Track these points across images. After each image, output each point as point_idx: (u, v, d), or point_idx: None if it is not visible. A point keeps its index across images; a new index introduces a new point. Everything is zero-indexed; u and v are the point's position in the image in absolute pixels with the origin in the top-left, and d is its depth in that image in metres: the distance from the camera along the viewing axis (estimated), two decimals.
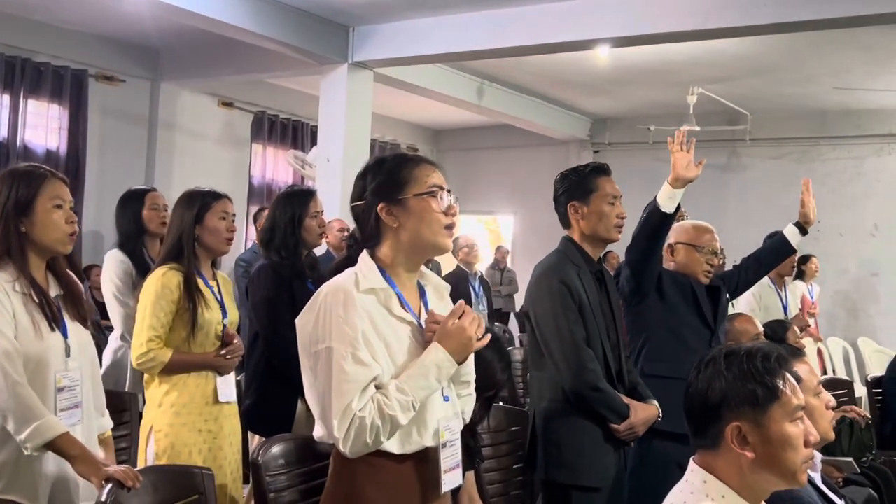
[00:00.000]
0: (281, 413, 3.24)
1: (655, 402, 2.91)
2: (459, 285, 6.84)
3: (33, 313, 2.24)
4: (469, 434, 2.55)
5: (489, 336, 1.95)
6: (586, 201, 2.85)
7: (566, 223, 2.92)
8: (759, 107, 8.59)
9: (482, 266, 8.59)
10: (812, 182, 9.19)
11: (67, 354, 2.31)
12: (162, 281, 2.90)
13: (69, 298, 2.38)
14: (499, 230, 11.26)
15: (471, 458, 2.57)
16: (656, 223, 2.97)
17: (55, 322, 2.28)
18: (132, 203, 3.90)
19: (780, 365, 1.60)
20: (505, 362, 2.64)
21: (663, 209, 2.92)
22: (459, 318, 1.88)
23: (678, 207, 2.99)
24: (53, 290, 2.34)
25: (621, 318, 3.03)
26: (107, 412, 2.55)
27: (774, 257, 3.85)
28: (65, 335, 2.31)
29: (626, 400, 2.82)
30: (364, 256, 1.93)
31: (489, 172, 10.56)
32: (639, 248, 3.08)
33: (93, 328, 2.47)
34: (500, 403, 3.50)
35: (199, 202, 3.00)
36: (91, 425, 2.41)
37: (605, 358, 2.82)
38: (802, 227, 3.77)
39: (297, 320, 1.89)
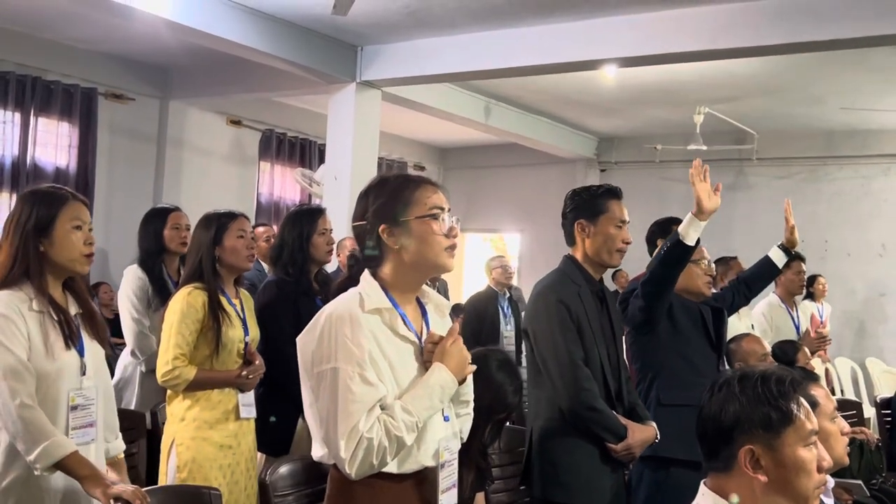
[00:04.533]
0: (282, 430, 3.26)
1: (653, 424, 2.91)
2: (488, 305, 6.82)
3: (49, 332, 2.27)
4: (480, 455, 2.55)
5: (473, 367, 1.96)
6: (594, 221, 2.86)
7: (571, 241, 2.93)
8: (766, 126, 8.59)
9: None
10: (819, 202, 9.24)
11: (83, 373, 2.33)
12: (187, 300, 2.98)
13: (88, 317, 2.41)
14: (505, 248, 11.26)
15: (481, 479, 2.57)
16: (678, 255, 2.96)
17: (72, 340, 2.31)
18: (155, 221, 3.98)
19: (794, 389, 1.60)
20: (517, 385, 2.65)
21: (686, 241, 2.92)
22: (455, 339, 1.89)
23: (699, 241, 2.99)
24: (73, 309, 2.38)
25: (622, 338, 3.02)
26: (120, 434, 2.57)
27: (761, 279, 3.88)
28: (81, 354, 2.34)
29: (623, 420, 2.82)
30: (367, 276, 1.93)
31: (496, 191, 10.57)
32: (657, 279, 3.07)
33: (108, 348, 2.50)
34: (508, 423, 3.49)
35: (216, 224, 3.09)
36: (101, 445, 2.42)
37: (603, 378, 2.82)
38: (787, 249, 3.80)
39: (299, 340, 1.89)
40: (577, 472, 2.76)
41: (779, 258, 3.79)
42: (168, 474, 2.93)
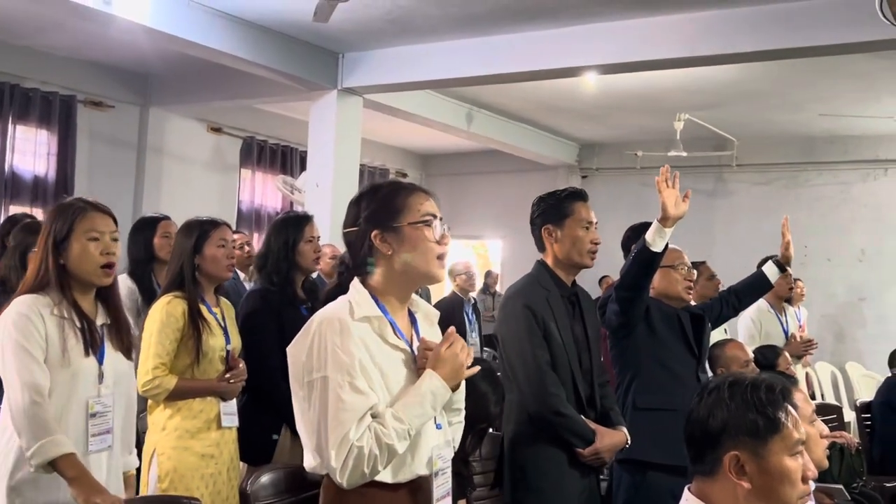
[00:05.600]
0: (264, 440, 3.24)
1: (624, 429, 2.91)
2: (455, 312, 6.82)
3: (69, 338, 2.32)
4: (462, 463, 2.54)
5: (478, 367, 1.95)
6: (561, 225, 2.87)
7: (541, 246, 2.94)
8: (746, 133, 8.66)
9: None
10: (799, 207, 9.33)
11: (101, 381, 2.37)
12: (167, 309, 2.96)
13: (115, 328, 2.46)
14: (487, 255, 11.27)
15: (462, 486, 2.56)
16: (645, 261, 2.97)
17: (93, 347, 2.35)
18: (144, 230, 3.96)
19: (783, 397, 1.60)
20: (499, 395, 2.65)
21: (652, 248, 2.92)
22: (450, 345, 1.87)
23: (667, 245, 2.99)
24: (101, 319, 2.43)
25: (597, 343, 3.03)
26: (135, 451, 2.59)
27: (752, 292, 3.89)
28: (101, 362, 2.38)
29: (592, 425, 2.82)
30: (356, 284, 1.92)
31: (478, 197, 10.59)
32: (628, 285, 3.09)
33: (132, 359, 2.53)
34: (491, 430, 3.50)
35: (197, 232, 3.07)
36: (119, 454, 2.46)
37: (573, 382, 2.82)
38: (781, 265, 3.81)
39: (289, 349, 1.87)
40: (546, 476, 2.77)
41: (773, 273, 3.81)
42: (149, 484, 2.90)
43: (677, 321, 3.34)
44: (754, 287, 3.86)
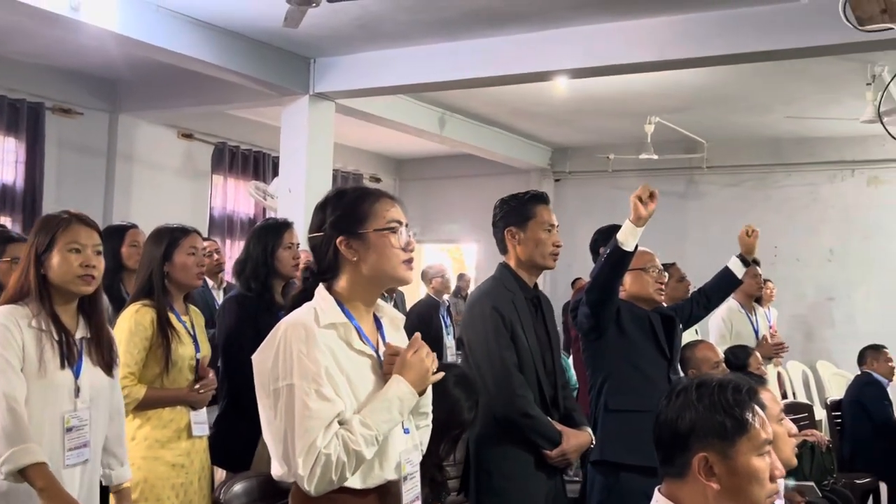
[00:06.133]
0: (243, 447, 3.22)
1: (589, 429, 2.95)
2: (431, 315, 6.82)
3: (45, 349, 2.31)
4: (436, 468, 2.55)
5: (442, 373, 1.95)
6: (523, 227, 2.91)
7: (503, 249, 2.97)
8: (716, 135, 8.75)
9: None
10: (768, 208, 9.43)
11: (77, 395, 2.35)
12: (135, 318, 2.93)
13: (95, 343, 2.44)
14: (462, 259, 11.29)
15: (437, 492, 2.56)
16: (616, 261, 3.01)
17: (69, 360, 2.34)
18: (112, 239, 3.92)
19: (750, 398, 1.62)
20: (473, 401, 2.65)
21: (624, 247, 2.96)
22: (416, 350, 1.88)
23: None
24: (80, 333, 2.42)
25: (558, 344, 3.06)
26: (127, 463, 2.56)
27: (720, 290, 3.93)
28: (76, 375, 2.36)
29: (558, 426, 2.84)
30: (321, 290, 1.91)
31: (452, 201, 10.60)
32: (598, 286, 3.12)
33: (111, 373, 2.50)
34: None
35: (167, 239, 3.05)
36: (95, 469, 2.44)
37: (538, 384, 2.84)
38: (745, 259, 3.85)
39: (255, 357, 1.87)
40: (512, 478, 2.79)
41: (738, 268, 3.85)
42: None
43: (648, 323, 3.37)
44: (721, 284, 3.90)
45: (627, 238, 2.95)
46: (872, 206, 8.39)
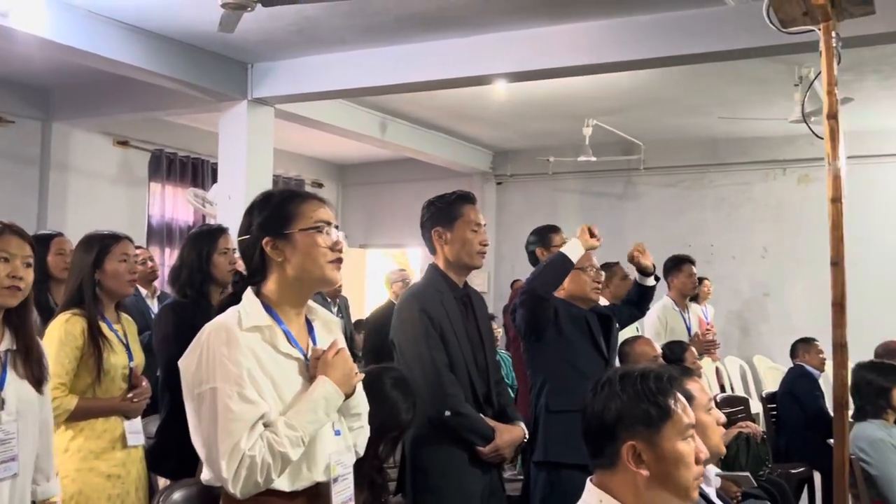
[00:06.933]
0: (185, 455, 3.18)
1: (522, 424, 3.00)
2: (389, 320, 6.78)
3: None
4: (375, 471, 2.55)
5: (362, 374, 1.97)
6: (451, 228, 2.95)
7: (432, 249, 3.01)
8: (652, 137, 8.92)
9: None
10: (704, 207, 9.61)
11: (1, 407, 2.28)
12: (65, 328, 2.87)
13: (23, 355, 2.36)
14: (408, 263, 11.29)
15: (377, 495, 2.57)
16: (559, 268, 3.09)
17: None
18: (37, 248, 3.79)
19: (671, 385, 1.67)
20: (410, 403, 2.67)
21: (570, 257, 3.11)
22: (337, 351, 1.90)
23: None
24: (5, 345, 2.33)
25: (491, 342, 3.10)
26: (55, 478, 2.49)
27: (640, 299, 3.96)
28: (0, 387, 2.28)
29: (491, 422, 2.88)
30: (248, 294, 1.92)
31: (396, 206, 10.60)
32: (534, 288, 3.17)
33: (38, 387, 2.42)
34: None
35: (98, 247, 2.99)
36: (26, 484, 2.36)
37: (470, 382, 2.88)
38: (645, 272, 3.87)
39: (181, 362, 1.87)
40: (448, 476, 2.82)
41: (643, 280, 3.86)
42: None
43: (585, 323, 3.44)
44: (638, 295, 3.90)
45: (573, 254, 3.08)
46: (803, 203, 8.64)
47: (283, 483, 1.80)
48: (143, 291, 5.07)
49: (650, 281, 3.88)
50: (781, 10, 2.56)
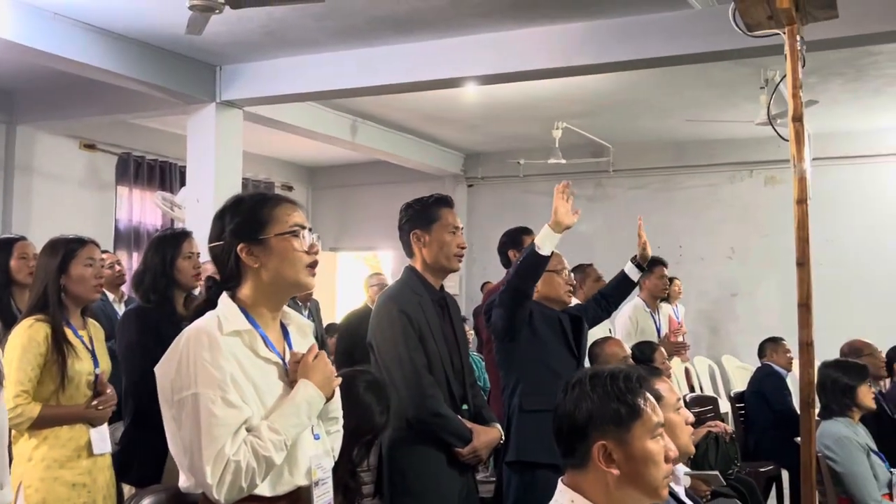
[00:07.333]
0: (151, 462, 3.15)
1: (498, 426, 3.01)
2: (363, 324, 6.73)
3: None
4: (349, 475, 2.55)
5: (339, 378, 1.96)
6: (428, 230, 2.95)
7: (409, 252, 3.02)
8: (621, 139, 8.99)
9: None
10: (672, 209, 9.68)
11: None
12: (28, 333, 2.82)
13: None
14: (380, 266, 11.26)
15: (351, 498, 2.56)
16: (532, 264, 3.08)
17: None
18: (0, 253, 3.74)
19: (640, 385, 1.69)
20: (384, 406, 2.67)
21: (541, 252, 3.04)
22: (316, 355, 1.89)
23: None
24: None
25: (465, 344, 3.12)
26: (7, 485, 2.43)
27: (618, 293, 4.03)
28: None
29: (468, 424, 2.89)
30: (224, 298, 1.90)
31: (367, 209, 10.58)
32: (514, 288, 3.18)
33: None
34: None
35: (63, 251, 2.94)
36: None
37: (447, 383, 2.90)
38: (640, 264, 3.97)
39: (157, 368, 1.84)
40: (426, 478, 2.83)
41: (633, 272, 3.97)
42: None
43: (559, 324, 3.46)
44: (619, 287, 4.00)
45: (545, 242, 3.05)
46: (770, 204, 8.76)
47: (263, 488, 1.79)
48: (111, 296, 5.01)
49: (637, 275, 3.93)
50: (747, 14, 2.59)
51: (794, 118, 2.45)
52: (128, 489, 3.22)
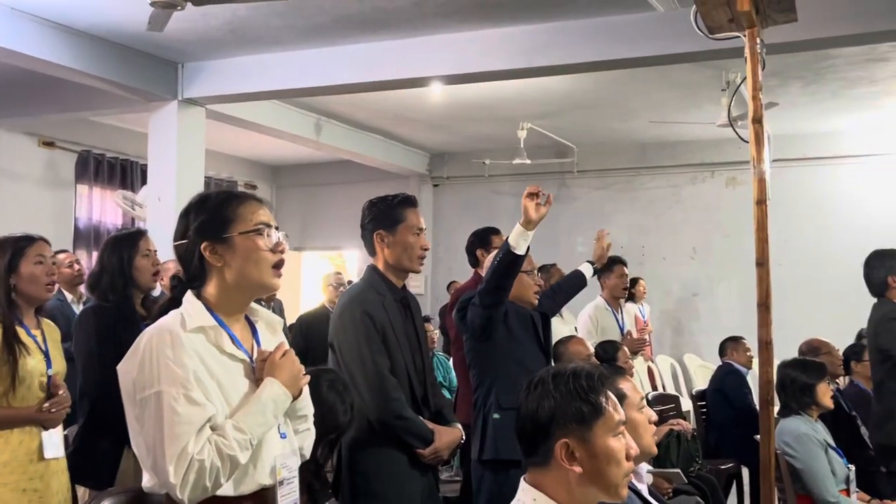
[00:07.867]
0: (106, 463, 3.11)
1: (459, 426, 3.02)
2: (319, 324, 6.70)
3: None
4: (313, 475, 2.53)
5: (308, 377, 1.95)
6: (392, 231, 2.95)
7: (372, 251, 3.00)
8: (585, 140, 9.05)
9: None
10: (635, 210, 9.77)
11: None
12: None
13: None
14: (344, 266, 11.21)
15: (315, 499, 2.55)
16: (508, 263, 3.10)
17: None
18: None
19: (602, 383, 1.70)
20: (347, 405, 2.66)
21: (516, 251, 3.06)
22: (284, 353, 1.87)
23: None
24: None
25: (426, 344, 3.12)
26: None
27: (570, 290, 4.10)
28: None
29: (430, 425, 2.90)
30: (189, 296, 1.88)
31: (332, 208, 10.53)
32: (491, 288, 3.20)
33: None
34: None
35: (11, 249, 2.87)
36: None
37: (410, 384, 2.90)
38: (594, 264, 4.12)
39: (119, 367, 1.81)
40: (388, 479, 2.83)
41: (587, 271, 4.07)
42: None
43: (531, 322, 3.48)
44: (572, 285, 4.09)
45: (518, 241, 3.07)
46: (731, 205, 8.87)
47: (227, 488, 1.76)
48: (69, 296, 4.94)
49: (590, 272, 4.01)
50: (709, 17, 2.62)
51: (754, 120, 2.48)
52: (82, 492, 3.16)
